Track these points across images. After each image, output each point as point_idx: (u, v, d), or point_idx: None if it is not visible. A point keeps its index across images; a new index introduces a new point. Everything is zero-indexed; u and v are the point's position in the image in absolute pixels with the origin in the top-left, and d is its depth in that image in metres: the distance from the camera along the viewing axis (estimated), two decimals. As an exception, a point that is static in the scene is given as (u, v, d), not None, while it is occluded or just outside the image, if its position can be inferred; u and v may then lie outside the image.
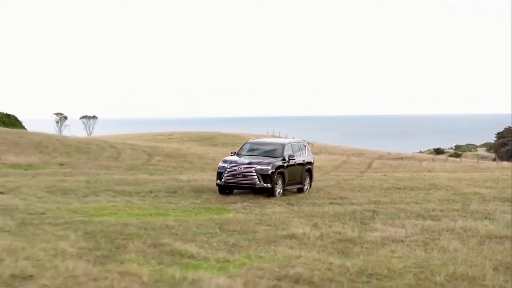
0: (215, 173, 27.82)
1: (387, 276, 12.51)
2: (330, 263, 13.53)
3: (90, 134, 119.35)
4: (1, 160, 39.09)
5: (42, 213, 20.45)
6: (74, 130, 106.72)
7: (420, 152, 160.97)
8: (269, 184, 24.82)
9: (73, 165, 39.09)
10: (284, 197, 26.14)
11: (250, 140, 27.94)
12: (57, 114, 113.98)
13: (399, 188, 31.48)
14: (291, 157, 26.21)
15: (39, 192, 25.22)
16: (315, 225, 18.89)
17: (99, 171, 36.52)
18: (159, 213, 21.19)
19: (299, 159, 27.18)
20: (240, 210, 22.75)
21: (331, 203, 24.80)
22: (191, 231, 17.64)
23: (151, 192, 26.18)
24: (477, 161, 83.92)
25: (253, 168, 24.83)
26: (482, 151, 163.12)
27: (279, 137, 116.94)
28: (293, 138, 31.33)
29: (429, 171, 50.30)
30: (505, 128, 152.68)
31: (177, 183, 29.99)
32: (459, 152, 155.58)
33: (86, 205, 22.23)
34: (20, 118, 70.79)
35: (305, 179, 27.53)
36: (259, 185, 24.79)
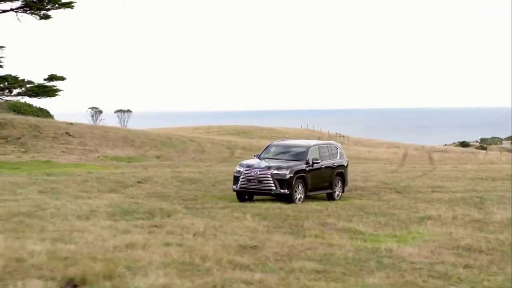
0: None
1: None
2: (485, 237, 16.26)
3: (126, 125, 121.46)
4: (101, 153, 42.24)
5: (194, 199, 23.49)
6: (109, 123, 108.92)
7: (445, 145, 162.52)
8: (286, 190, 22.82)
9: (168, 158, 42.18)
10: (385, 187, 28.79)
11: (274, 142, 26.34)
12: (92, 108, 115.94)
13: (482, 179, 34.01)
14: (315, 161, 24.12)
15: (172, 181, 28.26)
16: (438, 209, 21.60)
17: (197, 163, 39.53)
18: (294, 199, 24.01)
19: (327, 162, 24.98)
20: (358, 197, 25.55)
21: (434, 191, 27.48)
22: (339, 213, 20.50)
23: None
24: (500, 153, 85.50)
25: (269, 173, 23.01)
26: (507, 144, 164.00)
27: (314, 131, 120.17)
28: (318, 139, 30.51)
29: (491, 163, 52.61)
30: None
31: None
32: (485, 145, 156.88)
33: (224, 192, 25.19)
34: (52, 112, 71.99)
35: (336, 184, 25.30)
36: (275, 191, 22.85)
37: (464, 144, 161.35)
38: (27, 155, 39.70)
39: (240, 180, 23.18)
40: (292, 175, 23.06)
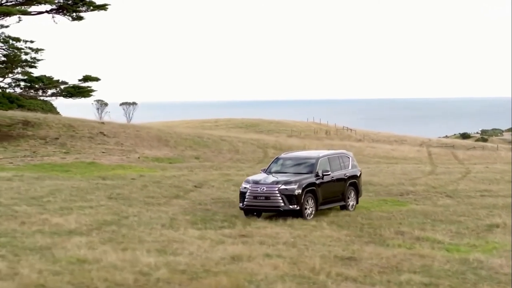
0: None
1: None
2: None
3: (130, 120, 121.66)
4: (140, 154, 43.07)
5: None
6: (114, 116, 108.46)
7: (446, 136, 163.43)
8: (296, 206, 21.51)
9: (206, 158, 43.01)
10: (434, 191, 29.59)
11: (282, 155, 25.02)
12: (97, 101, 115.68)
13: (523, 180, 34.71)
14: (325, 173, 22.85)
15: (227, 185, 29.10)
16: (500, 216, 22.39)
17: (237, 164, 40.37)
18: (362, 206, 24.92)
19: (338, 173, 23.81)
20: (413, 202, 26.34)
21: (482, 195, 28.26)
22: (408, 221, 21.32)
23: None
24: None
25: (276, 188, 21.70)
26: (508, 136, 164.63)
27: (321, 124, 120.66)
28: (329, 150, 27.69)
29: (517, 161, 53.26)
30: None
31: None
32: (486, 137, 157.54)
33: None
34: (55, 104, 70.95)
35: (348, 195, 24.11)
36: (284, 207, 21.52)
37: (465, 136, 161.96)
38: (69, 156, 40.51)
39: (246, 197, 21.84)
40: (301, 190, 21.74)
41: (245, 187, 22.11)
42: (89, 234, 18.31)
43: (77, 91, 48.72)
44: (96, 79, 50.08)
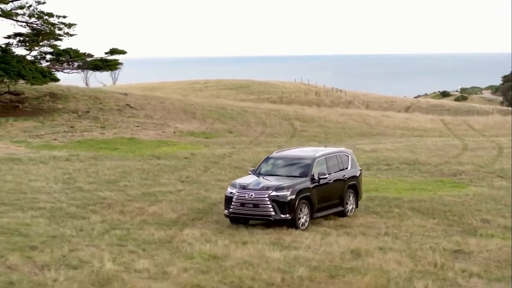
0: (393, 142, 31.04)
1: None
2: None
3: (115, 81, 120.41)
4: (174, 128, 43.69)
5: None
6: (100, 77, 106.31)
7: (426, 94, 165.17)
8: (288, 215, 19.01)
9: (240, 133, 43.73)
10: (483, 172, 30.53)
11: (273, 154, 22.12)
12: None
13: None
14: (322, 176, 20.15)
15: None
16: None
17: (273, 140, 41.16)
18: (419, 187, 25.86)
19: (336, 175, 21.04)
20: (470, 183, 27.31)
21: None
22: (481, 206, 22.30)
23: (387, 165, 30.88)
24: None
25: (266, 195, 19.14)
26: (487, 94, 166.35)
27: (309, 85, 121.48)
28: (326, 147, 23.95)
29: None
30: None
31: (380, 154, 34.54)
32: (465, 95, 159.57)
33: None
34: None
35: (347, 199, 21.36)
36: (275, 217, 19.07)
37: (444, 94, 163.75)
38: (107, 131, 41.05)
39: (233, 203, 19.32)
40: (294, 196, 19.16)
41: (231, 192, 19.55)
42: (194, 225, 19.15)
43: (105, 64, 49.03)
44: (123, 52, 50.41)
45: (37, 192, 23.24)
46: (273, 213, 19.08)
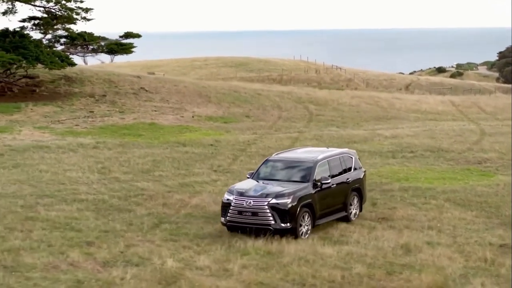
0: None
1: None
2: None
3: (113, 59, 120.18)
4: (192, 113, 43.89)
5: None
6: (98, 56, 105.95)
7: (422, 70, 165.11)
8: (288, 224, 17.70)
9: (257, 117, 43.94)
10: (508, 159, 30.85)
11: (273, 156, 20.68)
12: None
13: None
14: (324, 180, 18.90)
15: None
16: None
17: (292, 125, 41.44)
18: (449, 176, 26.20)
19: (339, 178, 19.82)
20: (497, 172, 27.63)
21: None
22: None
23: (411, 152, 31.24)
24: None
25: (266, 203, 17.81)
26: (483, 70, 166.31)
27: (309, 62, 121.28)
28: (328, 148, 22.42)
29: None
30: (507, 47, 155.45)
31: (402, 140, 34.85)
32: (461, 71, 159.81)
33: (377, 169, 27.26)
34: None
35: (351, 203, 20.11)
36: (275, 226, 17.69)
37: (440, 70, 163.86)
38: (126, 116, 41.25)
39: (230, 211, 18.00)
40: (295, 203, 17.84)
41: (228, 199, 18.20)
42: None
43: (120, 48, 49.08)
44: (138, 36, 50.45)
45: (75, 182, 23.54)
46: (273, 222, 17.68)
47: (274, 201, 17.81)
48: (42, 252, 15.71)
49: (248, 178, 19.71)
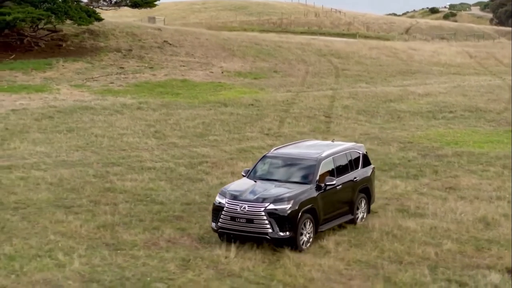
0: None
1: None
2: None
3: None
4: (220, 68, 44.03)
5: (410, 141, 25.94)
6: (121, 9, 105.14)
7: (414, 11, 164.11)
8: (287, 232, 15.43)
9: (285, 73, 44.09)
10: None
11: (272, 152, 18.11)
12: None
13: None
14: (328, 182, 16.54)
15: (354, 116, 30.66)
16: None
17: (322, 81, 41.66)
18: (496, 140, 26.67)
19: (345, 177, 17.46)
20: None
21: None
22: None
23: (451, 112, 31.67)
24: None
25: (262, 208, 15.59)
26: (476, 11, 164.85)
27: (307, 5, 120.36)
28: (333, 142, 19.08)
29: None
30: None
31: (436, 98, 35.26)
32: (454, 12, 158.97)
33: (424, 132, 27.71)
34: None
35: (358, 205, 17.80)
36: (273, 235, 15.44)
37: (433, 11, 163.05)
38: (157, 72, 41.35)
39: (222, 217, 15.78)
40: (296, 208, 15.58)
41: (220, 202, 15.96)
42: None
43: (144, 2, 48.74)
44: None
45: (136, 149, 23.97)
46: (270, 230, 15.37)
47: (271, 206, 15.50)
48: (136, 228, 16.21)
49: (244, 176, 17.33)
